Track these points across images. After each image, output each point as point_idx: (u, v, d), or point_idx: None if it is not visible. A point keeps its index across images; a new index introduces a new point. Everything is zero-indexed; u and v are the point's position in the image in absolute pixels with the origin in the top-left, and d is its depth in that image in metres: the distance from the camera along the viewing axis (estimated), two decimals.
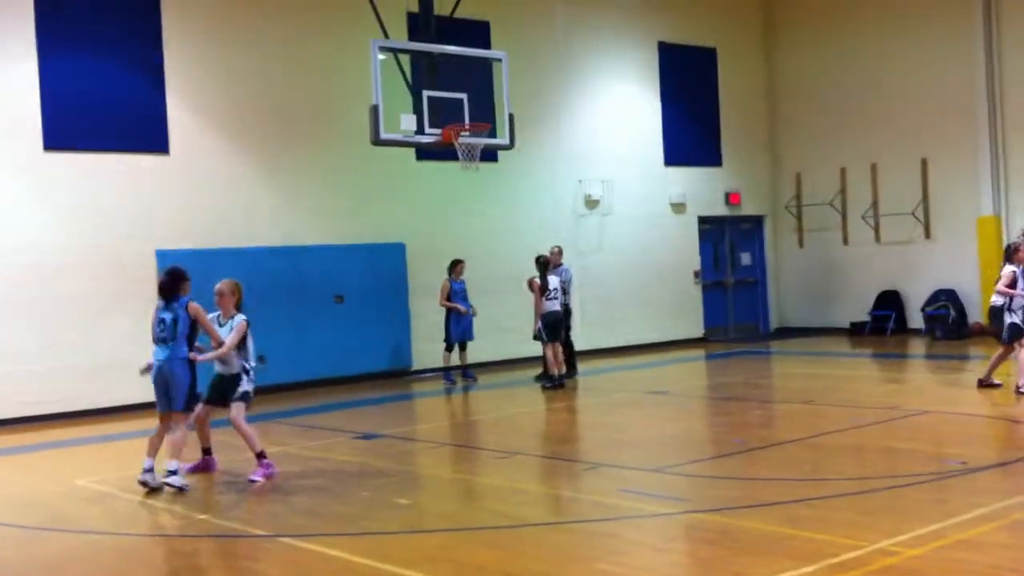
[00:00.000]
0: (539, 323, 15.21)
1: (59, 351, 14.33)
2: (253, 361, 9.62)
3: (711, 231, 22.34)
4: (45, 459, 11.56)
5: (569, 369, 16.14)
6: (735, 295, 22.79)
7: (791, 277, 23.06)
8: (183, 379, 9.18)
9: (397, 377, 17.26)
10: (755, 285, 23.15)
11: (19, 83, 14.24)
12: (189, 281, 9.34)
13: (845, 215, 21.84)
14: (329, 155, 16.86)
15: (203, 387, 9.79)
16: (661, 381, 15.95)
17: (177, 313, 9.13)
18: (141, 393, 14.43)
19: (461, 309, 16.14)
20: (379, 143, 13.61)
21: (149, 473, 9.09)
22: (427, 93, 13.80)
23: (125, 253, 14.91)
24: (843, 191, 21.83)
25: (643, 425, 12.07)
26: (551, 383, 15.13)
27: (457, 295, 16.23)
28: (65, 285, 14.44)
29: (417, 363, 17.52)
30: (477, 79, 14.36)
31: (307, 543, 7.27)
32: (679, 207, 21.52)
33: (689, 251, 21.72)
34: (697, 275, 21.83)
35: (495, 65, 14.49)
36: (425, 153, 16.61)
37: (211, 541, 7.73)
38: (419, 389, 16.34)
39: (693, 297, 21.76)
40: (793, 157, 22.79)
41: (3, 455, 11.86)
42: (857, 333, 21.14)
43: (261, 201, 16.24)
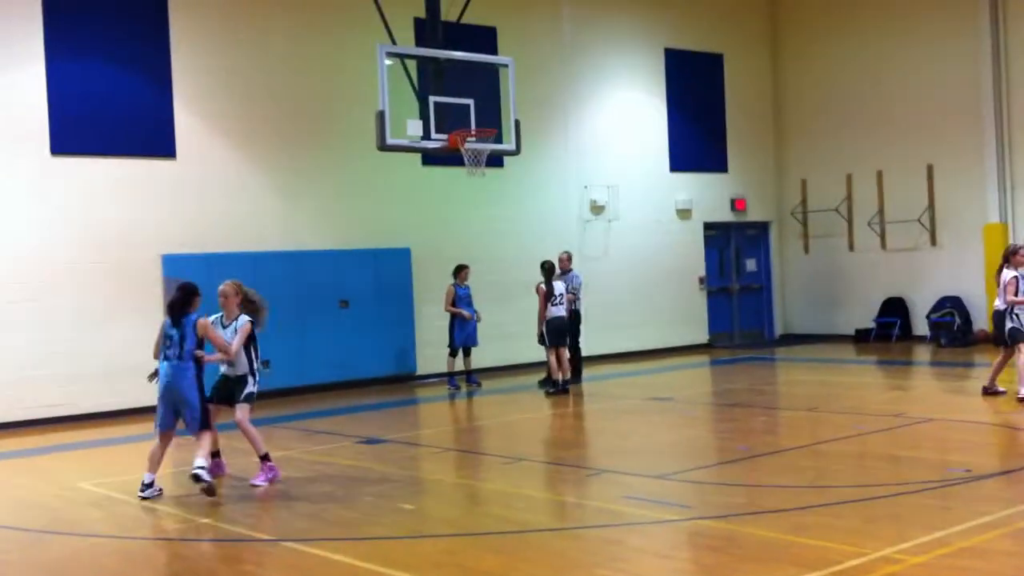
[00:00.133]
0: (542, 328, 15.21)
1: (64, 355, 14.35)
2: (258, 363, 9.63)
3: (716, 237, 22.33)
4: (49, 462, 11.58)
5: (574, 375, 16.15)
6: (740, 301, 22.77)
7: (796, 283, 23.03)
8: (195, 400, 9.00)
9: (401, 382, 17.27)
10: (760, 291, 23.13)
11: (27, 88, 14.28)
12: (200, 296, 9.21)
13: (851, 221, 21.81)
14: (335, 160, 16.89)
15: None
16: (666, 387, 15.94)
17: (185, 331, 8.98)
18: (145, 397, 14.47)
19: (466, 314, 16.13)
20: (385, 148, 13.62)
21: (150, 488, 9.04)
22: (433, 98, 13.81)
23: (131, 258, 14.93)
24: (849, 197, 21.80)
25: (647, 431, 12.07)
26: (554, 388, 15.13)
27: (462, 300, 16.23)
28: (70, 289, 14.47)
29: (421, 368, 17.52)
30: (483, 85, 14.37)
31: (310, 548, 7.28)
32: (685, 213, 21.52)
33: (694, 257, 21.72)
34: (702, 281, 21.82)
35: (501, 71, 14.50)
36: (431, 158, 16.62)
37: (214, 545, 7.75)
38: (423, 394, 16.35)
39: (698, 303, 21.75)
40: (799, 163, 22.78)
41: (7, 458, 11.89)
42: (862, 340, 21.12)
43: (267, 206, 16.27)
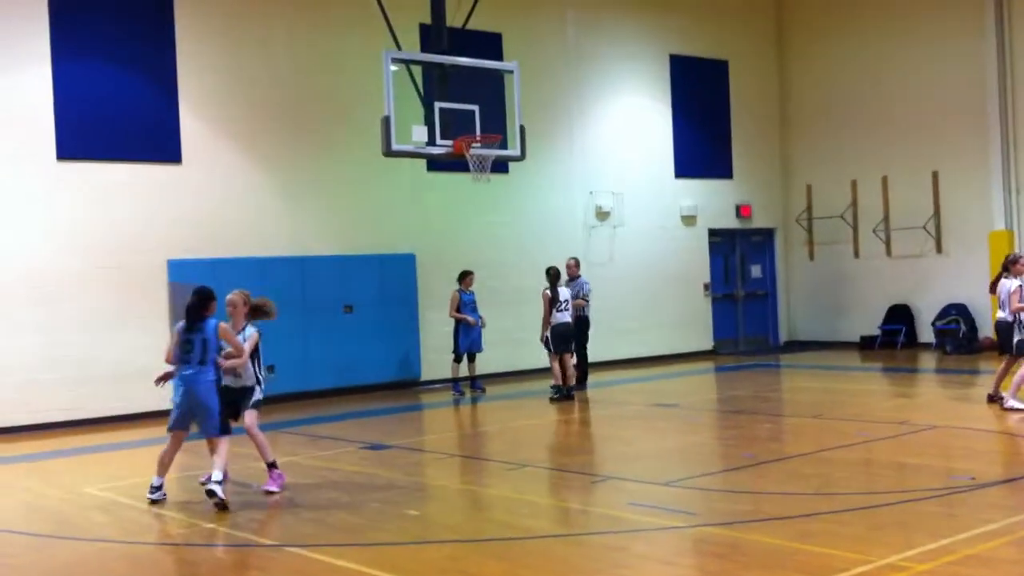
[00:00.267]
0: (547, 333, 15.21)
1: (72, 359, 14.36)
2: (263, 371, 9.64)
3: (721, 243, 22.33)
4: (56, 466, 11.58)
5: (579, 381, 16.15)
6: (745, 308, 22.76)
7: (801, 290, 23.02)
8: (215, 405, 8.95)
9: (406, 388, 17.27)
10: (765, 298, 23.11)
11: (33, 93, 14.31)
12: (215, 300, 9.14)
13: (856, 228, 21.80)
14: (341, 165, 16.91)
15: None
16: (670, 393, 15.93)
17: (207, 335, 8.91)
18: (151, 402, 14.49)
19: (470, 320, 16.13)
20: (390, 154, 13.65)
21: (159, 491, 9.04)
22: (439, 104, 13.84)
23: (136, 262, 14.94)
24: (854, 204, 21.79)
25: (652, 438, 12.06)
26: (558, 394, 15.13)
27: (466, 306, 16.23)
28: (76, 294, 14.48)
29: (426, 374, 17.52)
30: (489, 90, 14.40)
31: (315, 553, 7.28)
32: (689, 219, 21.52)
33: (699, 263, 21.72)
34: (707, 287, 21.81)
35: (507, 76, 14.53)
36: (436, 164, 16.64)
37: (219, 550, 7.76)
38: (428, 400, 16.35)
39: (703, 309, 21.74)
40: (804, 170, 22.78)
41: (13, 462, 11.90)
42: (867, 347, 21.09)
43: (272, 211, 16.29)
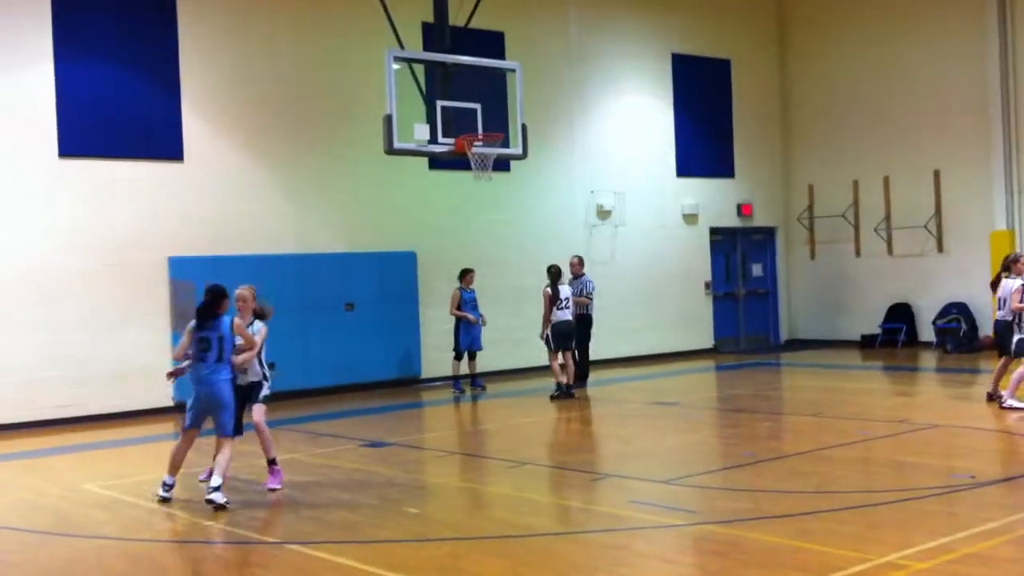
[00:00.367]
0: (547, 331, 15.21)
1: (73, 356, 14.35)
2: (265, 368, 9.64)
3: (723, 242, 22.32)
4: (56, 463, 11.59)
5: (580, 379, 16.16)
6: (746, 306, 22.76)
7: (802, 289, 23.02)
8: (231, 403, 8.90)
9: (406, 385, 17.28)
10: (766, 296, 23.11)
11: (35, 90, 14.31)
12: (228, 299, 9.08)
13: (857, 227, 21.80)
14: (342, 163, 16.91)
15: None
16: (671, 392, 15.94)
17: (223, 332, 8.84)
18: (154, 399, 14.55)
19: (471, 318, 16.14)
20: (392, 152, 13.65)
21: (172, 489, 8.97)
22: (441, 103, 13.84)
23: (138, 260, 14.93)
24: (856, 203, 21.79)
25: (653, 436, 12.07)
26: (558, 392, 15.13)
27: (467, 304, 16.24)
28: (77, 291, 14.48)
29: (426, 371, 17.52)
30: (491, 89, 14.40)
31: (315, 550, 7.30)
32: (691, 218, 21.52)
33: (700, 262, 21.72)
34: (708, 286, 21.81)
35: (509, 75, 14.53)
36: (438, 162, 16.64)
37: (219, 547, 7.77)
38: (428, 398, 16.35)
39: (704, 308, 21.74)
40: (806, 169, 22.78)
41: (16, 459, 11.90)
42: (868, 346, 21.09)
43: (274, 208, 16.28)
